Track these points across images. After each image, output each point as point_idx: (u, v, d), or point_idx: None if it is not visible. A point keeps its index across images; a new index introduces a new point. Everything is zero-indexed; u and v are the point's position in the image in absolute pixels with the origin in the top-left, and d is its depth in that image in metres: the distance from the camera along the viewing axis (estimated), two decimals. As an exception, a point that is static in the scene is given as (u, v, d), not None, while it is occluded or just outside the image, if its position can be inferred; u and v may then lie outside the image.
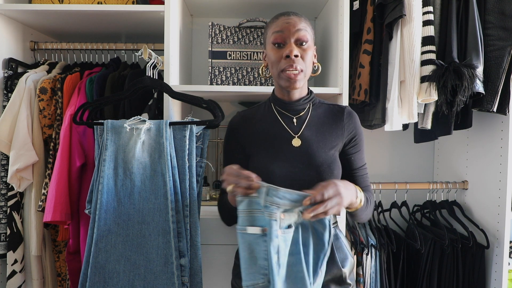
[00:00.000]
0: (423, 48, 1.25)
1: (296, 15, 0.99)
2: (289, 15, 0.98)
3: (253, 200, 0.85)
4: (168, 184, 1.05)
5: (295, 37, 0.96)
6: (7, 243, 1.33)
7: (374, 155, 1.79)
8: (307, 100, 1.05)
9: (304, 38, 0.96)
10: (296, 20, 0.97)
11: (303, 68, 0.97)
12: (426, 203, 1.58)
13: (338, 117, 1.04)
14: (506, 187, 1.31)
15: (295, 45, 0.96)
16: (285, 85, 0.98)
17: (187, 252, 1.05)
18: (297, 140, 1.00)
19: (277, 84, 1.03)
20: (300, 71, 0.96)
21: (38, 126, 1.34)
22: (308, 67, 0.99)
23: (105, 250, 1.04)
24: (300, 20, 0.97)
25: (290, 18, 0.97)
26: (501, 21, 1.25)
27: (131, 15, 1.36)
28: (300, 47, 0.97)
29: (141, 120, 1.11)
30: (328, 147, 1.00)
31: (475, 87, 1.20)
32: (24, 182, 1.32)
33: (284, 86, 0.99)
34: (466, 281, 1.39)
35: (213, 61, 1.43)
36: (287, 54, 0.94)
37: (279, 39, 0.97)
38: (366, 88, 1.36)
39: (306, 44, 0.97)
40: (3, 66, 1.39)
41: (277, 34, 0.97)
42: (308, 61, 0.98)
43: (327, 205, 0.80)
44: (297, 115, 1.04)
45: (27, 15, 1.39)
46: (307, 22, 1.00)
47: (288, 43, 0.96)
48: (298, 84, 0.98)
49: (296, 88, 0.99)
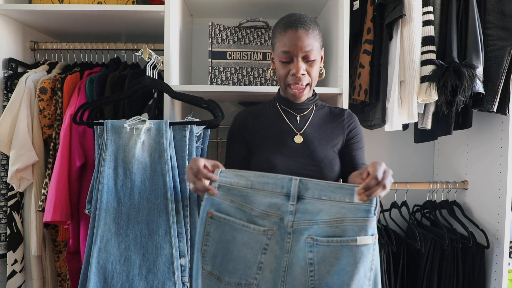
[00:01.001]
0: (423, 48, 1.25)
1: (304, 27, 0.96)
2: (297, 29, 0.95)
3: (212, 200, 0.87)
4: (168, 184, 1.05)
5: (302, 55, 0.97)
6: (7, 243, 1.33)
7: (374, 155, 1.79)
8: (312, 101, 1.09)
9: (311, 56, 0.97)
10: (304, 37, 0.95)
11: (309, 82, 1.01)
12: (426, 203, 1.58)
13: (339, 117, 1.08)
14: (506, 187, 1.31)
15: (302, 61, 0.97)
16: (291, 98, 1.04)
17: (187, 252, 1.05)
18: (299, 137, 1.04)
19: (284, 93, 1.07)
20: (306, 85, 1.01)
21: (38, 126, 1.34)
22: (314, 79, 1.02)
23: (105, 250, 1.04)
24: (307, 36, 0.96)
25: (298, 34, 0.95)
26: (501, 21, 1.25)
27: (131, 15, 1.36)
28: (306, 63, 0.99)
29: (141, 120, 1.11)
30: (330, 145, 1.04)
31: (475, 87, 1.19)
32: (24, 182, 1.32)
33: (291, 99, 1.05)
34: (466, 281, 1.39)
35: (213, 61, 1.43)
36: (293, 73, 0.98)
37: (287, 59, 0.98)
38: (366, 88, 1.36)
39: (312, 60, 0.98)
40: (3, 66, 1.39)
41: (284, 54, 0.98)
42: (314, 74, 1.01)
43: (385, 184, 0.78)
44: (301, 113, 1.08)
45: (27, 15, 1.39)
46: (315, 33, 0.98)
47: (295, 60, 0.97)
48: (304, 97, 1.03)
49: (302, 101, 1.05)
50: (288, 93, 1.03)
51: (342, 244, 0.80)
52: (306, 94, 1.03)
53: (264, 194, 0.86)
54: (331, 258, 0.81)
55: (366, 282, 0.80)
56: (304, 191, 0.85)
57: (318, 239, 0.81)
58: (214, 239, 0.86)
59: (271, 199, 0.86)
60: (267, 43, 1.46)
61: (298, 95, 1.01)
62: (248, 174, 0.88)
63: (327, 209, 0.83)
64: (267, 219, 0.85)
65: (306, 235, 0.82)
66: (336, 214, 0.82)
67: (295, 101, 1.05)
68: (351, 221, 0.81)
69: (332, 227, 0.82)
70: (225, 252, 0.86)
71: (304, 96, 1.03)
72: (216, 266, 0.86)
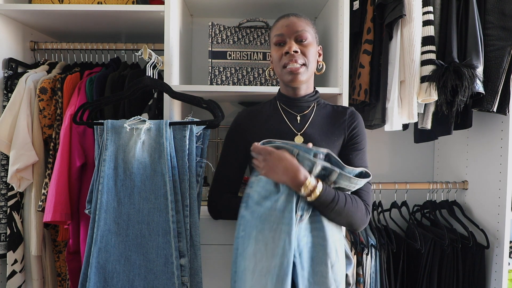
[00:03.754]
0: (423, 48, 1.25)
1: (295, 16, 1.03)
2: (288, 17, 1.03)
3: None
4: (168, 184, 1.05)
5: (294, 36, 1.01)
6: (7, 243, 1.33)
7: (374, 155, 1.79)
8: (313, 98, 1.08)
9: (303, 36, 1.01)
10: (295, 21, 1.02)
11: (305, 62, 1.01)
12: (426, 203, 1.58)
13: (341, 116, 1.06)
14: (506, 187, 1.31)
15: (294, 42, 1.01)
16: (288, 79, 1.01)
17: (187, 252, 1.05)
18: (299, 138, 1.03)
19: (282, 81, 1.07)
20: (302, 64, 1.00)
21: (38, 126, 1.34)
22: (311, 62, 1.02)
23: (105, 250, 1.04)
24: (299, 21, 1.02)
25: (289, 19, 1.02)
26: (501, 21, 1.25)
27: (131, 15, 1.36)
28: (300, 44, 1.01)
29: (141, 120, 1.10)
30: (331, 146, 1.02)
31: (475, 87, 1.19)
32: (24, 182, 1.32)
33: (288, 80, 1.02)
34: (466, 281, 1.39)
35: (213, 61, 1.43)
36: (286, 50, 1.00)
37: (280, 40, 1.03)
38: (366, 88, 1.36)
39: (306, 41, 1.01)
40: (3, 66, 1.39)
41: (277, 37, 1.03)
42: (310, 56, 1.01)
43: (261, 163, 0.92)
44: (302, 113, 1.07)
45: (27, 15, 1.39)
46: (307, 21, 1.04)
47: (288, 41, 1.01)
48: (301, 76, 1.01)
49: (300, 82, 1.02)
50: (285, 74, 1.01)
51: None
52: (304, 74, 1.00)
53: None
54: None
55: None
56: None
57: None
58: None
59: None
60: (267, 43, 1.46)
61: (294, 71, 0.99)
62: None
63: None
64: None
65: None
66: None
67: (293, 83, 1.01)
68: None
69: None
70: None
71: (301, 75, 1.00)
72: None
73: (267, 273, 0.85)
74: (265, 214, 0.89)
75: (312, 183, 0.86)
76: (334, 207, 0.89)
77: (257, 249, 0.88)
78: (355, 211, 0.93)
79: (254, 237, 0.89)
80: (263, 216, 0.89)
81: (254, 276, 0.87)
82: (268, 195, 0.91)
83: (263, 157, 0.91)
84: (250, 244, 0.89)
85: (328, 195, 0.88)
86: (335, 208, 0.89)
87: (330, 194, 0.89)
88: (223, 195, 1.10)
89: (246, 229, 0.92)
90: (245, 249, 0.90)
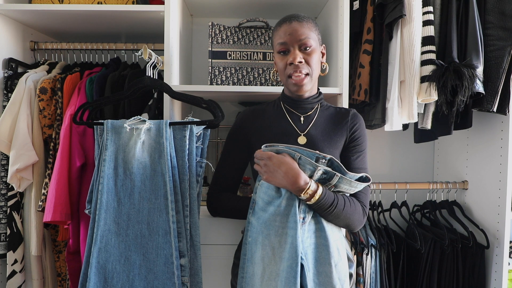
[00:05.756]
0: (423, 48, 1.25)
1: (298, 20, 1.00)
2: (291, 22, 1.00)
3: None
4: (168, 184, 1.05)
5: (297, 44, 0.99)
6: (7, 243, 1.33)
7: (374, 155, 1.79)
8: (316, 99, 1.08)
9: (307, 43, 0.99)
10: (298, 27, 0.99)
11: (309, 72, 1.01)
12: (426, 203, 1.58)
13: (343, 118, 1.07)
14: (506, 187, 1.31)
15: (298, 51, 1.00)
16: (293, 89, 1.03)
17: (187, 252, 1.05)
18: (302, 138, 1.03)
19: (287, 89, 1.07)
20: (306, 75, 1.00)
21: (38, 126, 1.34)
22: (315, 69, 1.02)
23: (105, 250, 1.04)
24: (302, 27, 0.99)
25: (292, 25, 1.00)
26: (501, 21, 1.25)
27: (131, 15, 1.36)
28: (303, 52, 1.00)
29: (141, 120, 1.10)
30: (333, 147, 1.03)
31: (475, 87, 1.19)
32: (24, 182, 1.32)
33: (293, 90, 1.04)
34: (466, 281, 1.39)
35: (213, 61, 1.43)
36: (290, 61, 0.99)
37: (283, 49, 1.02)
38: (366, 88, 1.36)
39: (309, 49, 1.00)
40: (3, 66, 1.39)
41: (281, 45, 1.02)
42: (313, 64, 1.01)
43: (262, 168, 0.92)
44: (305, 114, 1.07)
45: (27, 15, 1.39)
46: (309, 25, 1.01)
47: (292, 50, 1.00)
48: (306, 87, 1.02)
49: (305, 92, 1.03)
50: (290, 85, 1.02)
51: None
52: (308, 84, 1.02)
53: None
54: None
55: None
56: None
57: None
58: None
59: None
60: (267, 43, 1.46)
61: (299, 83, 1.00)
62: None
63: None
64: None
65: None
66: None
67: (298, 93, 1.03)
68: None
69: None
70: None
71: (306, 85, 1.02)
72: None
73: (276, 276, 0.86)
74: (270, 219, 0.90)
75: (312, 188, 0.87)
76: (333, 211, 0.90)
77: (264, 254, 0.89)
78: (353, 213, 0.94)
79: (261, 243, 0.90)
80: (267, 222, 0.90)
81: (263, 280, 0.88)
82: (271, 201, 0.92)
83: (264, 162, 0.91)
84: (258, 249, 0.90)
85: (328, 199, 0.89)
86: (334, 211, 0.90)
87: (329, 198, 0.89)
88: (222, 193, 1.10)
89: (252, 235, 0.93)
90: (253, 254, 0.92)
